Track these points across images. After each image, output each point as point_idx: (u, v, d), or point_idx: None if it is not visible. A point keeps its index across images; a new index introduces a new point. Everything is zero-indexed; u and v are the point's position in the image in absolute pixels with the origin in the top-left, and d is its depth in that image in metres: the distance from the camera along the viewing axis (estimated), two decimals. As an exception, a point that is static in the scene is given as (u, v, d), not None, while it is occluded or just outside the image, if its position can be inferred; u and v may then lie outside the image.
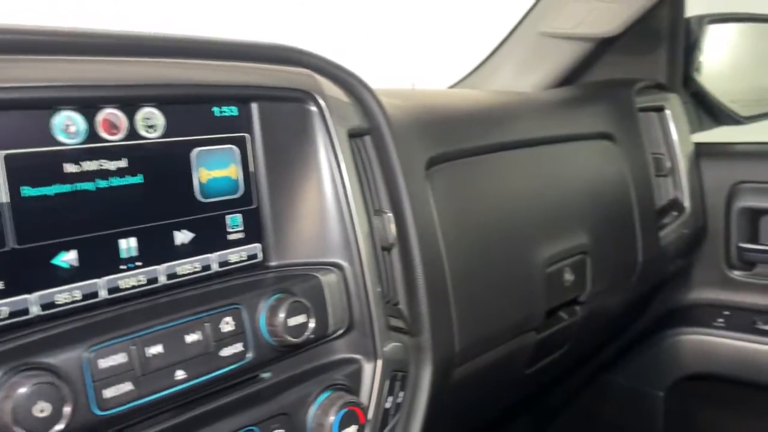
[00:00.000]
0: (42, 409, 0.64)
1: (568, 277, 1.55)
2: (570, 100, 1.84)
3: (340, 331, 0.97)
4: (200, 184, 0.88)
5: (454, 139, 1.34)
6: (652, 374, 2.18)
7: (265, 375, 0.90)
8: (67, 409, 0.65)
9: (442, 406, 1.23)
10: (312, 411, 0.90)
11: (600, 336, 1.96)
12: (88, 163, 0.77)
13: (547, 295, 1.48)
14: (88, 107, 0.77)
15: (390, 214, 1.08)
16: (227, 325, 0.83)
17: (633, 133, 1.85)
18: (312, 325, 0.88)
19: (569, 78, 2.05)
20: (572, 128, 1.69)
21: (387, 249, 1.11)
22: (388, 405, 1.04)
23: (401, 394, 1.09)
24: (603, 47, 2.01)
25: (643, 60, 2.08)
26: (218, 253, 0.91)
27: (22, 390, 0.63)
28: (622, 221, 1.76)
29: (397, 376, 1.07)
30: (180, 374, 0.78)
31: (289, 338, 0.86)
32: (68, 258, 0.76)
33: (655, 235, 1.86)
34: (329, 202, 0.97)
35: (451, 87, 2.00)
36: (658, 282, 1.98)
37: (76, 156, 0.76)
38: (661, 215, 1.93)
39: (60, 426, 0.65)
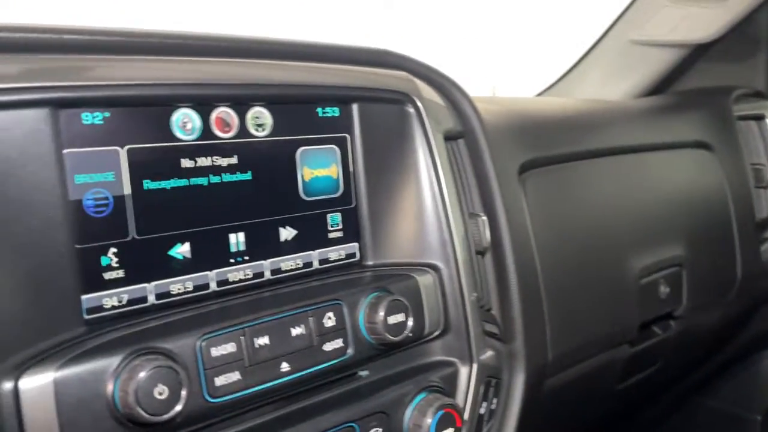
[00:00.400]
0: (161, 392, 0.66)
1: (663, 289, 1.49)
2: (664, 108, 1.78)
3: (436, 333, 0.96)
4: (303, 182, 0.90)
5: (546, 145, 1.32)
6: (749, 397, 2.06)
7: (363, 373, 0.91)
8: (183, 393, 0.67)
9: (534, 417, 1.20)
10: (409, 411, 0.90)
11: (694, 354, 1.86)
12: (202, 159, 0.80)
13: (641, 307, 1.43)
14: (203, 105, 0.80)
15: (485, 218, 1.07)
16: (329, 320, 0.84)
17: (731, 142, 1.77)
18: (410, 323, 0.88)
19: (660, 86, 1.99)
20: (667, 137, 1.64)
21: (481, 253, 1.10)
22: (482, 411, 1.03)
23: (495, 400, 1.07)
24: (697, 54, 1.94)
25: (741, 67, 2.00)
26: (319, 250, 0.92)
27: (144, 373, 0.65)
28: (719, 234, 1.68)
29: (491, 382, 1.05)
30: (285, 366, 0.79)
31: (389, 336, 0.86)
32: (182, 250, 0.79)
33: (755, 250, 1.77)
34: (426, 204, 0.98)
35: (538, 95, 1.98)
36: (758, 299, 1.87)
37: (192, 152, 0.79)
38: (762, 229, 1.83)
39: (177, 408, 0.67)
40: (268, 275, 0.87)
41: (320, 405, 0.84)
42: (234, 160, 0.83)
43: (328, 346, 0.83)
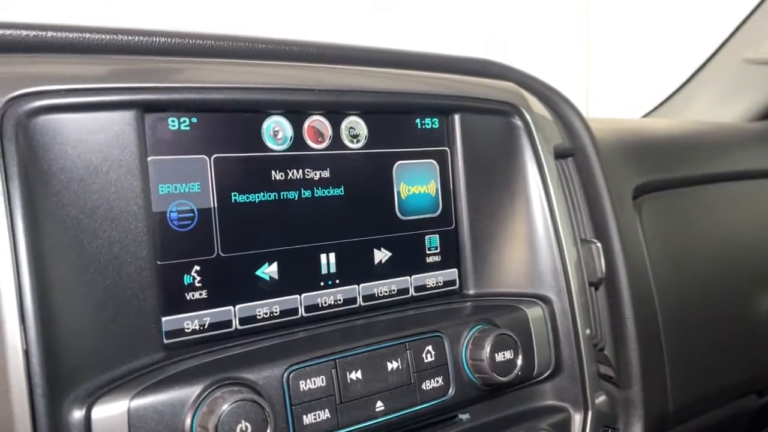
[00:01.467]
0: (244, 429, 0.58)
1: (798, 332, 1.31)
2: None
3: (546, 374, 0.85)
4: (400, 200, 0.82)
5: (663, 168, 1.19)
6: None
7: (464, 416, 0.80)
8: (269, 430, 0.59)
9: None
10: (518, 462, 0.78)
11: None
12: (293, 171, 0.73)
13: (773, 352, 1.25)
14: (296, 113, 0.73)
15: (599, 244, 0.95)
16: (429, 355, 0.74)
17: None
18: (520, 362, 0.77)
19: (779, 109, 1.80)
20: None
21: (594, 285, 0.98)
22: (597, 466, 0.90)
23: (610, 454, 0.94)
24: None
25: None
26: (415, 276, 0.83)
27: (226, 407, 0.57)
28: None
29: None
30: (380, 406, 0.69)
31: (496, 376, 0.75)
32: (270, 270, 0.72)
33: None
34: (536, 226, 0.87)
35: (644, 116, 1.84)
36: None
37: (283, 163, 0.73)
38: None
39: (260, 450, 0.58)
40: (360, 302, 0.78)
41: (417, 452, 0.74)
42: (326, 173, 0.76)
43: (428, 385, 0.73)
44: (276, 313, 0.72)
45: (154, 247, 0.64)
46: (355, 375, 0.68)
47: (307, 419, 0.65)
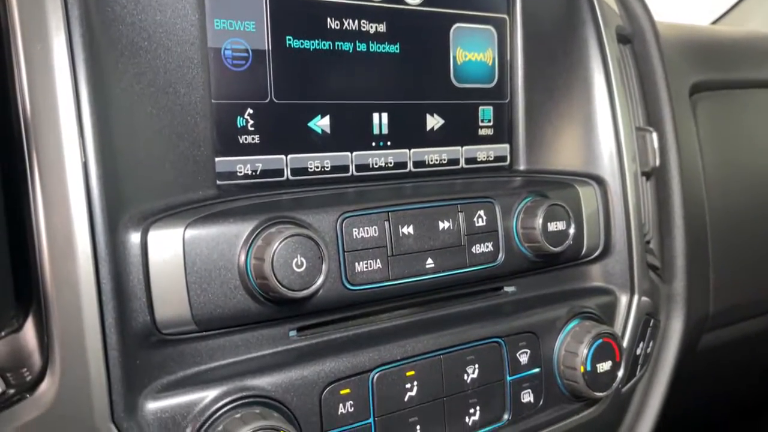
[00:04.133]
0: (300, 264, 0.57)
1: None
2: None
3: (595, 254, 0.83)
4: (455, 65, 0.78)
5: (721, 67, 1.14)
6: None
7: (510, 289, 0.79)
8: (324, 268, 0.58)
9: (686, 374, 1.05)
10: (561, 336, 0.77)
11: None
12: (349, 21, 0.70)
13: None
14: (355, -41, 0.70)
15: (654, 133, 0.92)
16: (480, 219, 0.72)
17: None
18: (572, 232, 0.75)
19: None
20: None
21: (646, 174, 0.95)
22: (638, 351, 0.89)
23: (651, 344, 0.93)
24: None
25: None
26: (467, 147, 0.81)
27: (282, 239, 0.56)
28: None
29: (649, 321, 0.90)
30: (430, 263, 0.68)
31: (547, 245, 0.73)
32: (322, 123, 0.70)
33: None
34: (593, 106, 0.83)
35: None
36: None
37: (340, 11, 0.69)
38: None
39: (315, 285, 0.57)
40: (410, 167, 0.77)
41: (464, 314, 0.74)
42: (383, 27, 0.72)
43: (477, 249, 0.72)
44: (327, 168, 0.71)
45: (209, 84, 0.62)
46: (407, 230, 0.67)
47: (359, 267, 0.64)
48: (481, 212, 0.72)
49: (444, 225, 0.69)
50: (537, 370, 0.76)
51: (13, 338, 0.51)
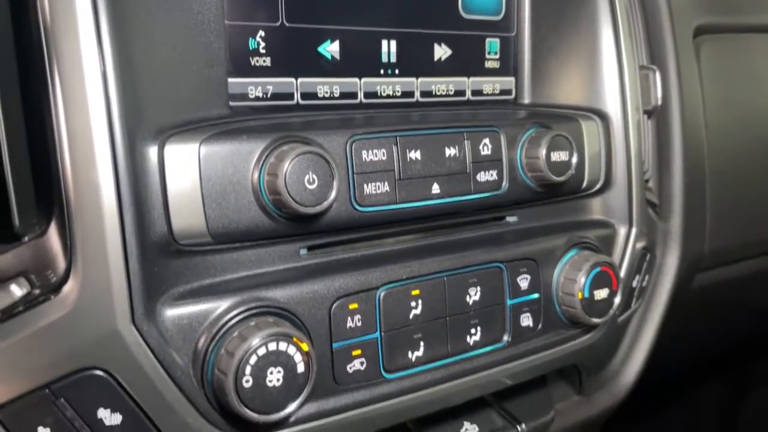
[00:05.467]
0: (311, 180, 0.59)
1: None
2: None
3: (596, 188, 0.85)
4: (464, -4, 0.79)
5: (727, 10, 1.14)
6: None
7: (512, 219, 0.81)
8: (335, 185, 0.60)
9: (680, 313, 1.08)
10: (561, 264, 0.80)
11: None
12: (360, -54, 0.71)
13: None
14: None
15: (657, 72, 0.93)
16: (485, 148, 0.74)
17: None
18: (574, 162, 0.77)
19: None
20: None
21: (647, 113, 0.96)
22: (634, 284, 0.92)
23: (647, 278, 0.96)
24: None
25: None
26: (473, 78, 0.82)
27: (294, 156, 0.58)
28: None
29: (645, 255, 0.93)
30: (436, 188, 0.70)
31: (550, 175, 0.75)
32: (332, 48, 0.71)
33: None
34: (600, 42, 0.84)
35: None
36: None
37: (350, -64, 0.70)
38: None
39: (326, 202, 0.59)
40: (417, 96, 0.78)
41: (467, 241, 0.76)
42: (393, -46, 0.73)
43: (482, 177, 0.74)
44: (336, 94, 0.72)
45: (222, 4, 0.63)
46: (415, 155, 0.68)
47: (368, 188, 0.65)
48: (487, 140, 0.74)
49: (450, 152, 0.71)
50: (536, 295, 0.78)
51: (36, 243, 0.53)
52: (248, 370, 0.56)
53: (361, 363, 0.66)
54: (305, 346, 0.58)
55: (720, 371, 1.83)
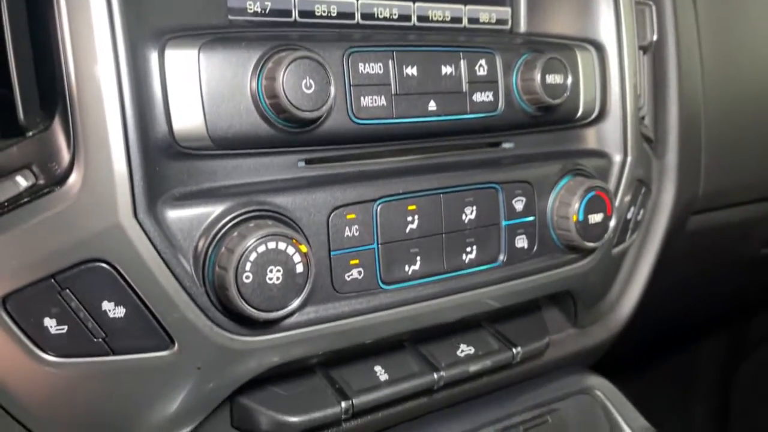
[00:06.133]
0: (308, 86, 0.60)
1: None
2: None
3: (591, 117, 0.86)
4: None
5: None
6: None
7: (508, 145, 0.82)
8: (331, 91, 0.61)
9: (674, 254, 1.09)
10: (556, 189, 0.81)
11: None
12: None
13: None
14: None
15: (654, 6, 0.94)
16: (481, 69, 0.75)
17: None
18: (569, 84, 0.78)
19: None
20: None
21: (643, 48, 0.97)
22: (629, 215, 0.93)
23: (641, 212, 0.97)
24: None
25: None
26: (470, 6, 0.83)
27: (292, 60, 0.59)
28: None
29: (640, 189, 0.94)
30: (432, 106, 0.71)
31: (545, 96, 0.76)
32: (329, -33, 0.72)
33: None
34: (595, -29, 0.85)
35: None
36: None
37: None
38: None
39: (324, 107, 0.61)
40: (414, 20, 0.79)
41: (464, 163, 0.77)
42: None
43: (478, 97, 0.75)
44: (333, 12, 0.73)
45: None
46: (411, 71, 0.69)
47: (365, 101, 0.67)
48: (483, 62, 0.75)
49: (446, 70, 0.72)
50: (531, 218, 0.80)
51: (41, 137, 0.54)
52: (248, 266, 0.57)
53: (359, 272, 0.67)
54: (304, 248, 0.60)
55: (716, 332, 1.85)
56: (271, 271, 0.58)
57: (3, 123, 0.55)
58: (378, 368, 0.76)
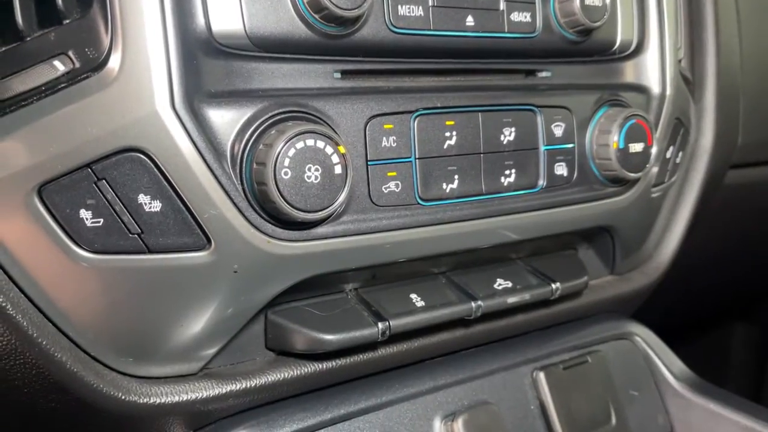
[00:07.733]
0: None
1: None
2: None
3: (629, 50, 0.84)
4: None
5: None
6: None
7: (545, 74, 0.80)
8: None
9: (713, 210, 1.06)
10: (596, 117, 0.79)
11: None
12: None
13: None
14: None
15: (690, -57, 0.92)
16: (518, -11, 0.73)
17: None
18: (608, 2, 0.76)
19: None
20: None
21: (679, -12, 0.95)
22: (668, 155, 0.90)
23: (680, 154, 0.94)
24: None
25: None
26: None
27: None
28: None
29: (679, 128, 0.92)
30: (470, 21, 0.70)
31: (584, 18, 0.74)
32: None
33: None
34: None
35: None
36: None
37: None
38: None
39: (363, 7, 0.59)
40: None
41: (501, 86, 0.75)
42: None
43: (516, 17, 0.73)
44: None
45: None
46: (450, -17, 0.68)
47: (402, 10, 0.65)
48: (520, -15, 0.73)
49: (484, -14, 0.71)
50: (571, 145, 0.77)
51: (79, 23, 0.53)
52: (287, 161, 0.56)
53: (396, 185, 0.66)
54: (342, 149, 0.58)
55: (753, 312, 1.80)
56: (309, 169, 0.57)
57: (41, 10, 0.54)
58: (414, 296, 0.73)
